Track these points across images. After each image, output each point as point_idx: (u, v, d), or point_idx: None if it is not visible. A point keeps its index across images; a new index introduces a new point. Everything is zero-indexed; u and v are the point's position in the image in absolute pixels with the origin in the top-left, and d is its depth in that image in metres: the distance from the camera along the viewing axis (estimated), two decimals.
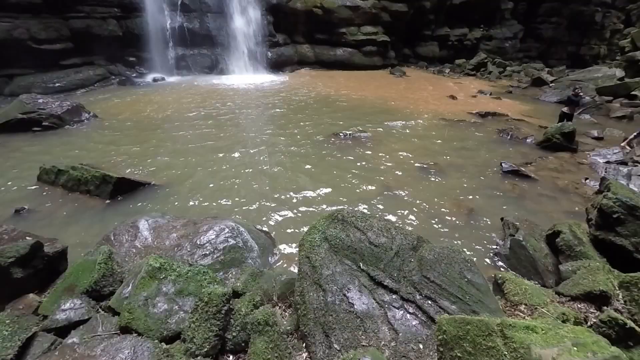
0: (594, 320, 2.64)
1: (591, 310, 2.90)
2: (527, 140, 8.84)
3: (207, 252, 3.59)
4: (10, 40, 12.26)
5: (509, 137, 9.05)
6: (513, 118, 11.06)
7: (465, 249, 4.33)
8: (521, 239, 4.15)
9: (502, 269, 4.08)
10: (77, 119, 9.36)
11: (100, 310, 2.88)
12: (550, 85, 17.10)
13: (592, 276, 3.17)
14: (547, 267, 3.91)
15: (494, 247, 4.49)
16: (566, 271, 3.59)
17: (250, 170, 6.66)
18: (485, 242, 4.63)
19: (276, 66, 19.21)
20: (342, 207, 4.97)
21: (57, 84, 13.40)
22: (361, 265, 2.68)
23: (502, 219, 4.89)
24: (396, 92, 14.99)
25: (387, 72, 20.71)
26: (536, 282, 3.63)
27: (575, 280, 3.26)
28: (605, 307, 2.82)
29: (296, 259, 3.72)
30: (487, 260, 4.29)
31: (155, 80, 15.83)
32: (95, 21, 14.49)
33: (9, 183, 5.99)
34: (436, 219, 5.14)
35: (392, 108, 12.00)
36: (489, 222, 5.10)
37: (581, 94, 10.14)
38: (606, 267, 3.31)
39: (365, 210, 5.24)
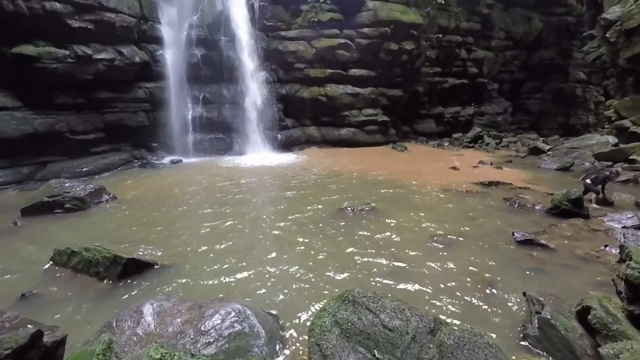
0: None
1: None
2: (536, 207, 8.80)
3: (211, 340, 3.39)
4: (51, 132, 13.90)
5: (516, 206, 9.04)
6: (517, 186, 11.20)
7: (487, 331, 3.98)
8: (549, 317, 3.82)
9: (535, 354, 3.67)
10: (97, 200, 9.88)
11: None
12: (548, 153, 17.74)
13: None
14: (585, 350, 3.50)
15: (520, 327, 4.11)
16: (607, 355, 3.20)
17: (259, 248, 6.66)
18: (507, 321, 4.27)
19: (286, 146, 20.77)
20: (352, 286, 4.79)
21: (84, 169, 14.55)
22: (376, 354, 2.49)
23: (524, 293, 4.58)
24: (400, 166, 15.66)
25: (389, 147, 21.98)
26: None
27: None
28: None
29: (302, 344, 3.45)
30: (515, 343, 3.89)
31: (173, 162, 17.09)
32: (127, 114, 16.52)
33: (23, 265, 6.05)
34: (452, 296, 4.85)
35: (398, 181, 12.39)
36: (510, 298, 4.77)
37: (612, 174, 9.74)
38: None
39: (378, 287, 5.01)
